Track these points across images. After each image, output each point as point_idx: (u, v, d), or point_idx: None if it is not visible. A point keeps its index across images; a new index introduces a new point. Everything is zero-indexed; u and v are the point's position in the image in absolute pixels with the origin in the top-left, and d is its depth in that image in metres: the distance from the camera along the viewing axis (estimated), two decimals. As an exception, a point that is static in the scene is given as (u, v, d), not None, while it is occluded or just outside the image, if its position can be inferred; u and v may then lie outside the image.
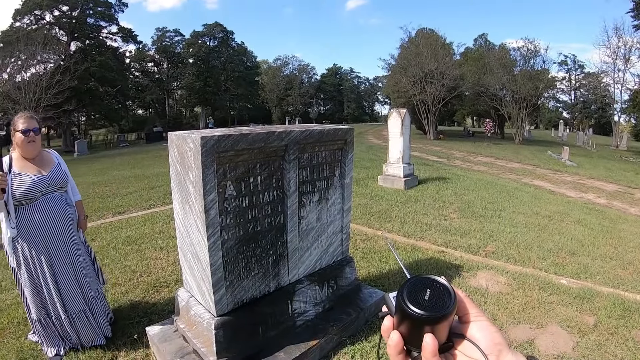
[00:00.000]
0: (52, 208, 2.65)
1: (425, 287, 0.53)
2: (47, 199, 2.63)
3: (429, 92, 25.94)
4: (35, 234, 2.59)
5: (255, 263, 2.53)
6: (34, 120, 2.68)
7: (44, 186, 2.62)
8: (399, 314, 0.53)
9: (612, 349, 3.00)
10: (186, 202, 2.33)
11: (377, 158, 14.04)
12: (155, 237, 5.40)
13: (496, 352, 0.52)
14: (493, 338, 0.53)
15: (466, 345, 0.54)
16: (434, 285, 0.54)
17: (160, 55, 50.42)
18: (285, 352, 2.58)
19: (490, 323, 0.55)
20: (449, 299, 0.52)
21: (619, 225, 6.60)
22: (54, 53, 27.18)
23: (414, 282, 0.54)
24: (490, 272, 4.36)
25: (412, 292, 0.53)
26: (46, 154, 2.83)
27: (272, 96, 62.40)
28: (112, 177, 11.72)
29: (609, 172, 13.41)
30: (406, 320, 0.52)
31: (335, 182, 3.05)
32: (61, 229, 2.70)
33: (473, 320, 0.55)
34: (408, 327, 0.53)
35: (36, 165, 2.67)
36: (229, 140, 2.19)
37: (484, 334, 0.53)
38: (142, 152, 22.22)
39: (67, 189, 2.85)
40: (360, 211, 6.78)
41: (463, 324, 0.56)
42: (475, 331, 0.54)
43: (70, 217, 2.82)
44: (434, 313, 0.50)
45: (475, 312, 0.55)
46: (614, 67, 27.63)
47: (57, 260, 2.68)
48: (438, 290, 0.53)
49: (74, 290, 2.76)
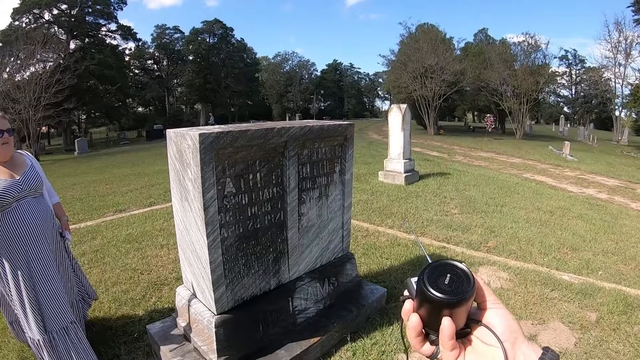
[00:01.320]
0: (28, 214, 2.40)
1: (445, 272, 0.55)
2: (20, 205, 2.37)
3: (429, 87, 25.94)
4: (11, 245, 2.32)
5: (255, 260, 2.52)
6: (6, 120, 2.46)
7: (16, 191, 2.35)
8: (419, 297, 0.55)
9: (614, 345, 2.98)
10: (185, 200, 2.31)
11: (377, 154, 14.02)
12: (156, 234, 5.40)
13: (512, 340, 0.52)
14: (509, 325, 0.53)
15: (483, 331, 0.55)
16: (454, 271, 0.55)
17: (160, 53, 50.36)
18: (286, 350, 2.57)
19: (507, 311, 0.55)
20: (468, 284, 0.53)
21: (620, 221, 6.57)
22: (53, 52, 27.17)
23: (435, 266, 0.56)
24: (492, 267, 4.34)
25: (432, 276, 0.54)
26: (18, 156, 2.57)
27: (272, 92, 62.46)
28: (112, 175, 11.73)
29: (610, 167, 13.36)
30: (426, 304, 0.54)
31: (336, 179, 3.03)
32: (39, 236, 2.44)
33: (490, 307, 0.56)
34: (427, 310, 0.54)
35: (8, 169, 2.42)
36: (227, 137, 2.17)
37: (501, 321, 0.54)
38: (143, 150, 22.26)
39: (42, 192, 2.60)
40: (361, 207, 6.77)
41: (480, 310, 0.57)
42: (492, 318, 0.55)
43: (48, 221, 2.57)
44: (452, 297, 0.52)
45: (492, 300, 0.56)
46: (614, 61, 27.50)
47: (37, 272, 2.39)
48: (458, 276, 0.54)
49: (57, 304, 2.46)
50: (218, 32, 52.08)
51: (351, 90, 72.14)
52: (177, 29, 51.26)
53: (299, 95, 63.17)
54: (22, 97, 21.07)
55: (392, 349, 2.85)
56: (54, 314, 2.43)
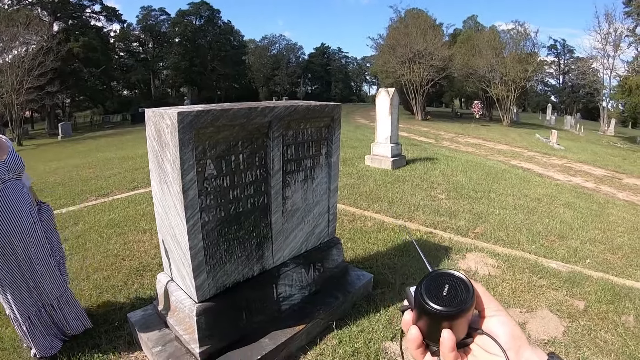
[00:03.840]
0: (15, 196, 2.36)
1: (443, 283, 0.53)
2: (6, 187, 2.33)
3: (417, 72, 25.80)
4: (3, 226, 2.31)
5: (237, 246, 2.42)
6: None
7: (3, 173, 2.32)
8: (418, 309, 0.53)
9: (603, 335, 2.97)
10: (164, 183, 2.20)
11: (364, 138, 13.94)
12: (139, 219, 5.28)
13: (515, 348, 0.51)
14: (513, 333, 0.52)
15: (485, 339, 0.53)
16: (452, 281, 0.54)
17: (145, 35, 49.36)
18: (270, 338, 2.50)
19: (510, 318, 0.54)
20: (467, 294, 0.52)
21: (607, 210, 6.61)
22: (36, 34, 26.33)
23: (433, 277, 0.55)
24: (480, 254, 4.31)
25: (430, 288, 0.53)
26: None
27: (259, 76, 61.86)
28: (96, 159, 11.49)
29: (596, 157, 13.47)
30: (424, 316, 0.52)
31: (322, 161, 2.93)
32: (27, 217, 2.42)
33: (492, 315, 0.54)
34: (426, 322, 0.53)
35: None
36: (208, 116, 2.05)
37: (504, 329, 0.52)
38: (127, 133, 21.91)
39: (23, 175, 2.53)
40: (347, 191, 6.70)
41: (482, 318, 0.55)
42: (495, 326, 0.53)
43: (30, 205, 2.51)
44: (451, 309, 0.50)
45: (494, 307, 0.55)
46: (603, 53, 27.70)
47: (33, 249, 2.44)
48: (456, 286, 0.53)
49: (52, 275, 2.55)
50: (205, 14, 51.15)
51: (339, 74, 71.57)
52: (163, 11, 50.18)
53: (286, 79, 62.67)
54: (4, 81, 20.58)
55: (379, 336, 2.80)
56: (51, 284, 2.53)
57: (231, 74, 52.85)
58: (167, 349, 2.38)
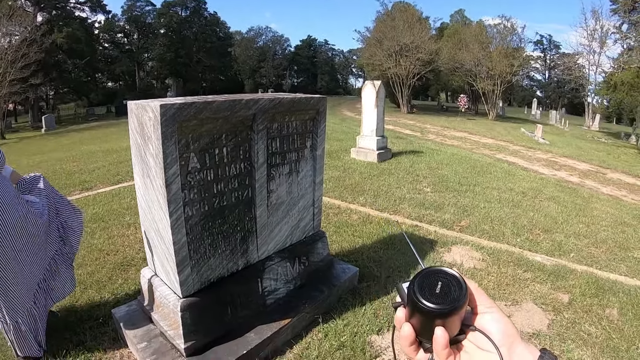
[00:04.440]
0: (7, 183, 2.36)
1: (436, 280, 0.53)
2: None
3: (403, 65, 25.81)
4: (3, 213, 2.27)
5: (222, 240, 2.40)
6: None
7: None
8: (411, 307, 0.53)
9: (587, 328, 3.02)
10: (147, 176, 2.16)
11: (350, 130, 13.93)
12: (123, 213, 5.21)
13: (508, 344, 0.51)
14: (505, 330, 0.52)
15: (478, 336, 0.54)
16: (445, 278, 0.53)
17: (130, 26, 48.53)
18: (255, 333, 2.49)
19: (503, 315, 0.54)
20: (460, 292, 0.52)
21: (591, 204, 6.71)
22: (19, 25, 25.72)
23: (425, 274, 0.54)
24: (465, 247, 4.35)
25: (423, 285, 0.53)
26: None
27: (245, 68, 61.48)
28: (80, 153, 11.28)
29: (581, 152, 13.66)
30: (417, 313, 0.52)
31: (307, 154, 2.91)
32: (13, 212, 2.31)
33: (485, 311, 0.54)
34: (419, 320, 0.53)
35: None
36: (191, 108, 2.01)
37: (497, 326, 0.53)
38: (112, 126, 21.60)
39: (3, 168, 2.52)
40: (332, 184, 6.70)
41: (475, 315, 0.55)
42: (488, 323, 0.53)
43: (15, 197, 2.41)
44: (444, 306, 0.50)
45: (487, 304, 0.55)
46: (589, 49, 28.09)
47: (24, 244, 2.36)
48: (449, 283, 0.53)
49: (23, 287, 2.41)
50: (190, 5, 50.47)
51: (325, 66, 71.33)
52: (149, 1, 49.22)
53: (272, 71, 62.33)
54: (-13, 73, 20.10)
55: (365, 330, 2.81)
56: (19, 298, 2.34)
57: (217, 65, 52.35)
58: (152, 344, 2.35)
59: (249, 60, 61.77)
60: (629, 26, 22.85)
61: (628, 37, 22.39)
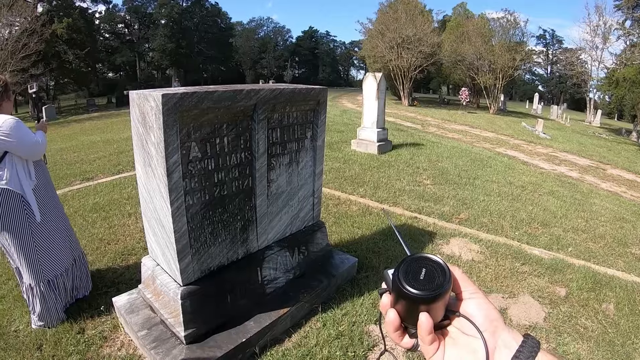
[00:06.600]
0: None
1: (420, 267, 0.54)
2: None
3: (405, 58, 25.67)
4: (39, 182, 2.69)
5: (222, 229, 2.42)
6: None
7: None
8: (395, 293, 0.54)
9: (583, 321, 3.05)
10: (148, 165, 2.17)
11: (351, 122, 13.91)
12: (124, 203, 5.23)
13: (492, 329, 0.52)
14: (489, 315, 0.53)
15: (462, 321, 0.54)
16: (429, 265, 0.54)
17: (131, 16, 48.48)
18: (255, 321, 2.51)
19: (487, 300, 0.55)
20: (443, 278, 0.52)
21: (590, 199, 6.73)
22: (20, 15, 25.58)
23: (410, 261, 0.55)
24: (463, 239, 4.37)
25: (407, 272, 0.53)
26: None
27: (245, 59, 61.36)
28: (80, 143, 11.27)
29: (581, 147, 13.64)
30: (402, 299, 0.53)
31: (307, 144, 2.93)
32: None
33: (469, 297, 0.55)
34: (404, 306, 0.54)
35: None
36: (192, 98, 2.02)
37: (480, 311, 0.54)
38: (113, 116, 21.52)
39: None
40: (332, 175, 6.72)
41: (459, 301, 0.56)
42: (472, 308, 0.54)
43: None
44: (428, 293, 0.51)
45: (471, 290, 0.56)
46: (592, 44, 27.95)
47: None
48: (433, 270, 0.53)
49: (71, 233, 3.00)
50: (192, -4, 50.35)
51: (326, 58, 71.24)
52: (150, -8, 49.21)
53: (273, 62, 62.28)
54: (-13, 64, 20.04)
55: (363, 320, 2.84)
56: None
57: (218, 56, 52.30)
58: (152, 332, 2.38)
59: (250, 51, 61.65)
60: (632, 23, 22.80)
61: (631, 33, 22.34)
